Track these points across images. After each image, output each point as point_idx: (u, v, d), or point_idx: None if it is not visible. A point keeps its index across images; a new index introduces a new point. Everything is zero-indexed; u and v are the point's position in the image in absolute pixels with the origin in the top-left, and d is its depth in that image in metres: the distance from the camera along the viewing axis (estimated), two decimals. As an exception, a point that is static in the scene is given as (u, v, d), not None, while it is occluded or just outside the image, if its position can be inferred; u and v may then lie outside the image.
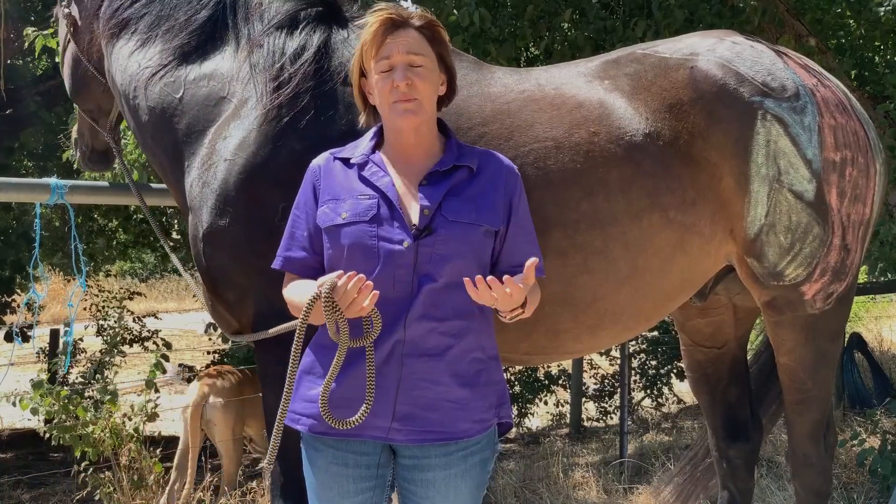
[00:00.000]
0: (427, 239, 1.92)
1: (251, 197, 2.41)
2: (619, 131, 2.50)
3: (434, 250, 1.92)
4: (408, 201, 1.96)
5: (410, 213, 1.95)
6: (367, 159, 2.02)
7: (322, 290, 1.78)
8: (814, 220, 2.57)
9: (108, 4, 2.85)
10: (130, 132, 5.74)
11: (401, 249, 1.91)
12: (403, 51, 1.97)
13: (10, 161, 8.54)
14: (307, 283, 1.96)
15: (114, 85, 2.88)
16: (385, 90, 1.97)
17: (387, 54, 1.98)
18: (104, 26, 2.85)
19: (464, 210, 1.96)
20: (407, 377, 1.91)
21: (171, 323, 14.71)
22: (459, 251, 1.93)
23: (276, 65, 2.52)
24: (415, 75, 1.97)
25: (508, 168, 2.09)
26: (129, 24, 2.79)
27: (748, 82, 2.57)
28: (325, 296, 1.77)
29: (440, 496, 1.97)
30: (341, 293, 1.77)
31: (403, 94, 1.95)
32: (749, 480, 3.30)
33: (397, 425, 1.91)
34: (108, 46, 2.86)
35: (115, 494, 3.93)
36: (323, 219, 1.99)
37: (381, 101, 2.00)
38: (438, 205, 1.95)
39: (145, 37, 2.74)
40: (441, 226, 1.93)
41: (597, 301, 2.52)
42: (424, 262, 1.91)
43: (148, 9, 2.77)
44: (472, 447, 1.98)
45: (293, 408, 2.00)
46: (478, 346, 1.99)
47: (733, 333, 3.22)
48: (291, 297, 1.98)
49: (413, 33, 2.00)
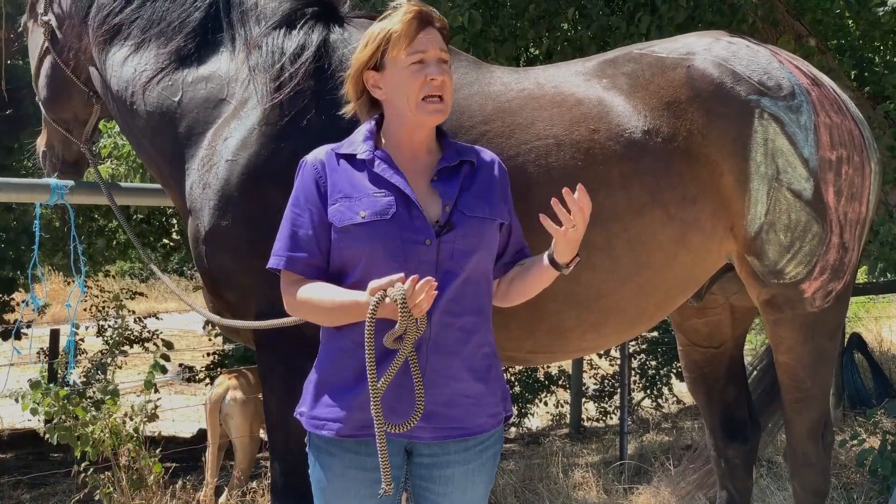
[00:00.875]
0: (448, 235, 1.92)
1: (253, 197, 2.41)
2: (619, 128, 2.51)
3: (455, 246, 1.92)
4: (423, 198, 1.95)
5: (429, 210, 1.94)
6: (374, 155, 1.99)
7: (396, 295, 1.75)
8: (812, 218, 2.58)
9: (97, 11, 2.79)
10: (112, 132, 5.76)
11: (425, 247, 1.90)
12: (437, 47, 1.97)
13: (10, 161, 8.54)
14: (327, 284, 1.94)
15: (107, 91, 2.83)
16: (416, 83, 1.94)
17: (422, 48, 1.95)
18: (95, 33, 2.80)
19: (477, 205, 1.97)
20: (427, 374, 1.90)
21: (171, 323, 14.70)
22: (478, 245, 1.95)
23: (276, 65, 2.51)
24: (445, 73, 1.97)
25: (498, 162, 2.11)
26: (121, 30, 2.75)
27: (744, 81, 2.58)
28: (400, 301, 1.75)
29: (458, 492, 1.97)
30: (410, 296, 1.75)
31: (437, 88, 1.94)
32: (747, 480, 3.31)
33: (421, 423, 1.88)
34: (101, 53, 2.81)
35: (114, 494, 3.93)
36: (339, 217, 1.94)
37: (410, 94, 1.95)
38: (455, 200, 1.96)
39: (139, 41, 2.71)
40: (460, 221, 1.94)
41: (601, 298, 2.53)
42: (446, 258, 1.91)
43: (139, 12, 2.73)
44: (487, 441, 2.00)
45: (315, 413, 1.96)
46: (486, 342, 2.00)
47: (730, 333, 3.22)
48: (315, 297, 1.93)
49: (437, 32, 2.00)
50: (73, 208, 3.40)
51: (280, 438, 2.46)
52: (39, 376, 4.29)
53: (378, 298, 1.77)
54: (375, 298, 1.77)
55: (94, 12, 2.80)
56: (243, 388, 4.88)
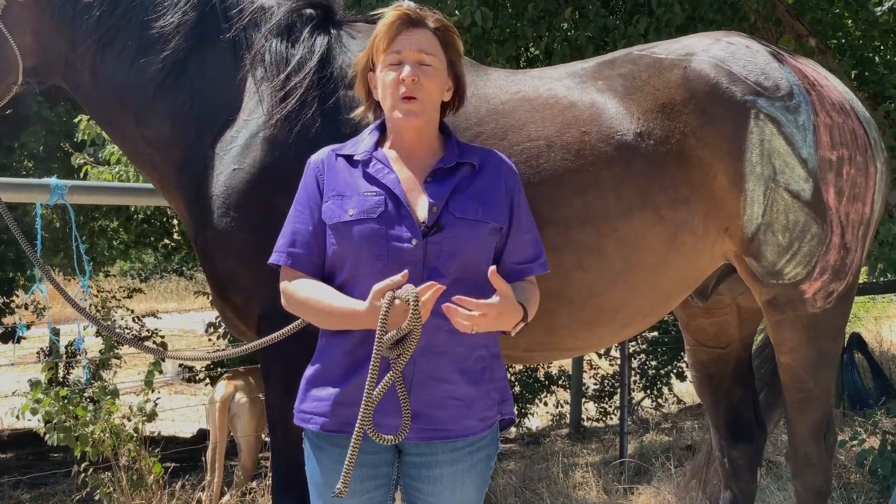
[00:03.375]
0: (435, 236, 1.93)
1: (260, 203, 2.43)
2: (610, 131, 2.52)
3: (442, 247, 1.93)
4: (414, 198, 1.97)
5: (418, 211, 1.95)
6: (371, 156, 2.02)
7: (409, 297, 1.76)
8: (811, 218, 2.58)
9: (81, 19, 2.65)
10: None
11: (410, 247, 1.91)
12: (415, 48, 1.97)
13: (10, 161, 8.54)
14: (325, 285, 1.97)
15: (100, 97, 2.71)
16: (391, 84, 1.97)
17: (398, 49, 1.97)
18: (86, 39, 2.66)
19: (470, 207, 1.97)
20: (416, 375, 1.92)
21: (171, 323, 14.71)
22: (467, 248, 1.95)
23: (281, 74, 2.52)
24: (422, 74, 1.96)
25: (508, 166, 2.11)
26: (115, 38, 2.64)
27: (741, 81, 2.58)
28: (413, 305, 1.75)
29: (447, 492, 1.98)
30: (422, 300, 1.77)
31: (408, 89, 1.94)
32: (752, 481, 3.30)
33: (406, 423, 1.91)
34: (97, 60, 2.67)
35: (114, 494, 3.93)
36: (329, 215, 1.98)
37: (385, 95, 1.99)
38: (445, 202, 1.96)
39: (136, 46, 2.62)
40: (449, 223, 1.94)
41: (592, 297, 2.54)
42: (433, 258, 1.92)
43: (129, 16, 2.63)
44: (478, 443, 2.00)
45: (302, 407, 2.01)
46: (482, 344, 2.00)
47: (737, 334, 3.22)
48: (312, 297, 1.96)
49: (428, 34, 2.00)
50: (74, 208, 3.39)
51: (281, 436, 2.48)
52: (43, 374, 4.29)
53: (388, 302, 1.77)
54: (386, 302, 1.77)
55: (79, 18, 2.65)
56: (249, 388, 4.91)
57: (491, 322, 1.85)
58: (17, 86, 2.75)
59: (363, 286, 1.89)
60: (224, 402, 4.86)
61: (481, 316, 1.82)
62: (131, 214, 8.15)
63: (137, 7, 2.65)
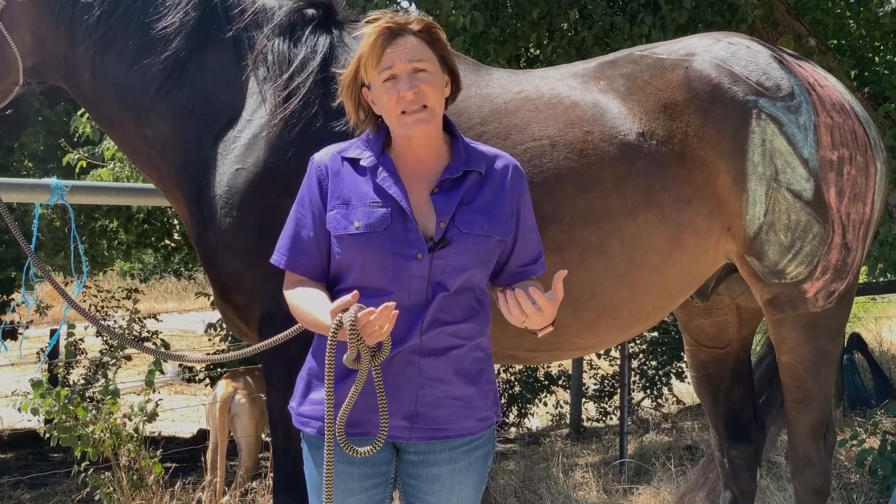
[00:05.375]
0: (442, 251, 1.92)
1: (263, 204, 2.43)
2: (613, 130, 2.53)
3: (448, 262, 1.92)
4: (421, 212, 1.95)
5: (426, 224, 1.94)
6: (378, 162, 1.99)
7: (345, 321, 1.75)
8: (813, 218, 2.58)
9: (80, 19, 2.64)
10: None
11: (416, 262, 1.91)
12: (405, 59, 1.94)
13: (10, 161, 8.54)
14: (316, 292, 1.95)
15: (101, 97, 2.70)
16: (391, 100, 1.93)
17: (389, 64, 1.94)
18: (86, 39, 2.65)
19: (476, 222, 1.96)
20: (420, 377, 1.93)
21: (171, 323, 14.70)
22: (472, 262, 1.95)
23: (284, 74, 2.52)
24: (420, 81, 1.93)
25: (515, 169, 2.07)
26: (115, 38, 2.63)
27: (742, 81, 2.59)
28: (349, 327, 1.74)
29: (445, 490, 1.99)
30: (363, 324, 1.74)
31: (412, 102, 1.92)
32: (751, 481, 3.30)
33: (406, 423, 1.93)
34: (98, 61, 2.66)
35: (114, 495, 3.93)
36: (334, 225, 1.96)
37: (389, 112, 1.96)
38: (452, 216, 1.95)
39: (137, 46, 2.61)
40: (455, 238, 1.93)
41: (595, 297, 2.54)
42: (438, 272, 1.92)
43: (130, 16, 2.62)
44: (476, 442, 2.01)
45: (301, 410, 2.02)
46: (479, 346, 2.01)
47: (737, 334, 3.22)
48: (299, 306, 1.96)
49: (412, 39, 1.96)
50: (74, 209, 3.39)
51: (282, 436, 2.48)
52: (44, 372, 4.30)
53: (337, 323, 1.76)
54: (335, 323, 1.77)
55: (79, 19, 2.64)
56: (249, 388, 4.92)
57: (542, 319, 1.88)
58: (18, 86, 2.75)
59: (370, 298, 1.86)
60: (224, 402, 4.88)
61: (538, 311, 1.85)
62: (132, 214, 8.16)
63: (138, 7, 2.64)
